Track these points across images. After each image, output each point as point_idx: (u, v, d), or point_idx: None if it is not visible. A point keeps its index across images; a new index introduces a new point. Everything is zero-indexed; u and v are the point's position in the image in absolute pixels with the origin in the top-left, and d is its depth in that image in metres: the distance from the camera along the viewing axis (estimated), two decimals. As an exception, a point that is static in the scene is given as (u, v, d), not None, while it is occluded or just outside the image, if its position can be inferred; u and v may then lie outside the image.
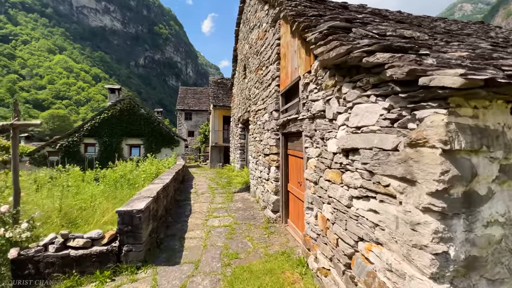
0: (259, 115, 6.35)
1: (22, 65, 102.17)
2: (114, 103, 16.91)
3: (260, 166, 6.09)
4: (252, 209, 5.87)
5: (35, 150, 15.58)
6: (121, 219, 3.20)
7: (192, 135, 28.73)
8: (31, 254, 3.01)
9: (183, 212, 5.58)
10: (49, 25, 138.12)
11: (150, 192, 4.17)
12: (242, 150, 9.72)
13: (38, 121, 3.29)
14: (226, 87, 18.46)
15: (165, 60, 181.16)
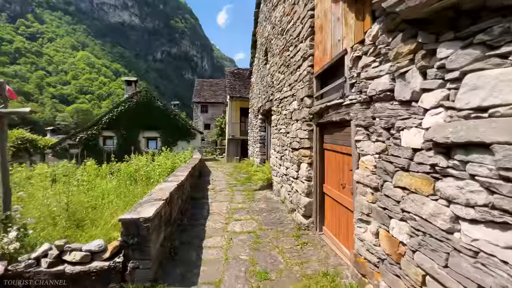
0: (285, 104, 5.54)
1: (49, 62, 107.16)
2: (131, 95, 16.73)
3: (286, 162, 5.32)
4: (277, 210, 5.15)
5: (57, 143, 15.82)
6: (125, 229, 2.59)
7: (208, 128, 28.41)
8: (20, 269, 2.49)
9: (200, 213, 4.97)
10: (72, 22, 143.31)
11: (163, 192, 3.55)
12: (262, 144, 8.99)
13: (27, 108, 2.74)
14: (243, 77, 17.68)
15: (181, 54, 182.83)
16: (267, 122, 8.72)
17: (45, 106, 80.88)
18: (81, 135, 15.89)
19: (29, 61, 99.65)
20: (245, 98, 15.51)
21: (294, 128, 4.79)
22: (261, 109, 8.53)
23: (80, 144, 15.87)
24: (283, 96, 5.65)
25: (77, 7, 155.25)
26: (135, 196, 5.52)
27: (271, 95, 6.95)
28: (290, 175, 5.04)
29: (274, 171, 6.59)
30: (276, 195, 6.17)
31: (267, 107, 7.59)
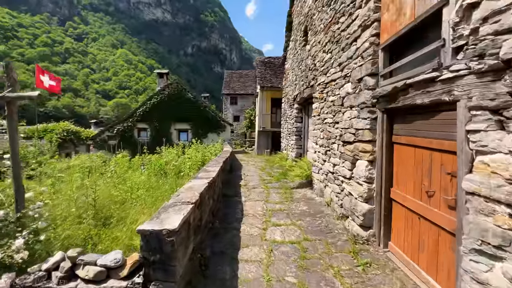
0: (333, 88, 4.63)
1: (93, 60, 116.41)
2: (163, 88, 16.87)
3: (334, 158, 4.46)
4: (323, 215, 4.35)
5: (97, 135, 16.63)
6: (145, 243, 2.05)
7: (237, 120, 28.11)
8: (28, 283, 2.09)
9: (233, 215, 4.39)
10: (111, 22, 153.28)
11: (192, 193, 2.98)
12: (298, 136, 8.13)
13: (36, 92, 2.30)
14: (275, 66, 16.76)
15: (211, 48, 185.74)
16: (304, 112, 7.82)
17: (90, 101, 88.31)
18: (118, 127, 16.49)
19: (76, 60, 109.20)
20: (276, 88, 14.65)
21: (347, 117, 3.89)
22: (298, 98, 7.65)
23: (118, 136, 16.49)
24: (330, 79, 4.74)
25: (116, 7, 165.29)
26: (164, 192, 5.14)
27: (312, 80, 6.04)
28: (339, 174, 4.18)
29: (315, 167, 5.75)
30: (318, 195, 5.35)
31: (305, 94, 6.70)
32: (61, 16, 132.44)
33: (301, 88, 7.18)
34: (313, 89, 6.00)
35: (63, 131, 15.54)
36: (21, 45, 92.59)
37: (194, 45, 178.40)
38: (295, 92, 8.14)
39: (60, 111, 70.56)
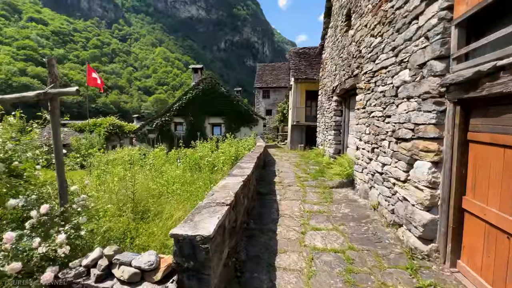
0: (382, 77, 4.05)
1: (135, 59, 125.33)
2: (197, 82, 17.24)
3: (384, 157, 3.92)
4: (369, 220, 3.88)
5: (138, 129, 17.75)
6: (178, 248, 1.89)
7: (270, 114, 27.77)
8: (69, 278, 2.10)
9: (268, 215, 4.15)
10: (151, 22, 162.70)
11: (226, 192, 2.80)
12: (337, 131, 7.54)
13: (74, 88, 2.28)
14: (310, 57, 15.96)
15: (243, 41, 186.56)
16: (344, 105, 7.19)
17: (133, 97, 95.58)
18: (156, 122, 17.37)
19: (121, 60, 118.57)
20: (311, 79, 13.94)
21: (403, 110, 3.33)
22: (338, 89, 7.04)
23: (156, 130, 17.39)
24: (380, 67, 4.15)
25: (155, 8, 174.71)
26: (199, 188, 5.11)
27: (356, 68, 5.43)
28: (390, 175, 3.65)
29: (357, 165, 5.22)
30: (362, 196, 4.84)
31: (347, 85, 6.10)
32: (108, 20, 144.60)
33: (342, 79, 6.57)
34: (357, 79, 5.40)
35: (109, 125, 16.89)
36: (76, 48, 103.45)
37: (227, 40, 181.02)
38: (334, 83, 7.52)
39: (108, 107, 77.67)
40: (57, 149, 2.41)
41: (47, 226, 2.32)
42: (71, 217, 2.48)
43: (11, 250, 2.04)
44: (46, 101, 2.37)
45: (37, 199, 2.47)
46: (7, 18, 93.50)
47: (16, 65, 69.80)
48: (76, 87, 2.28)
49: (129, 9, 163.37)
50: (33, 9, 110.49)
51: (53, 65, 2.32)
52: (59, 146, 2.42)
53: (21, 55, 76.78)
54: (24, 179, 3.06)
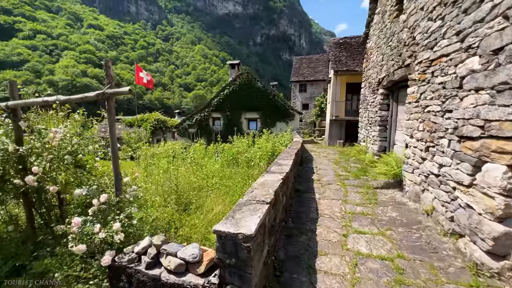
0: (442, 66, 3.56)
1: (176, 57, 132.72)
2: (234, 78, 17.52)
3: (441, 157, 3.47)
4: (421, 227, 3.49)
5: (179, 124, 18.83)
6: (221, 245, 1.92)
7: (306, 108, 27.02)
8: (124, 263, 2.30)
9: (307, 213, 4.02)
10: (191, 20, 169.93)
11: (265, 190, 2.76)
12: (383, 126, 6.95)
13: (127, 88, 2.43)
14: (351, 47, 14.98)
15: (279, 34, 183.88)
16: (392, 98, 6.58)
17: (175, 94, 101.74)
18: (196, 117, 18.21)
19: (164, 59, 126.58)
20: (353, 71, 13.09)
21: (469, 104, 2.88)
22: (385, 81, 6.46)
23: (196, 125, 18.26)
24: (440, 55, 3.64)
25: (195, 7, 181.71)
26: (237, 183, 5.19)
27: (407, 57, 4.88)
28: (450, 178, 3.22)
29: (407, 165, 4.74)
30: (412, 199, 4.39)
31: (396, 76, 5.54)
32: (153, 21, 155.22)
33: (390, 69, 5.99)
34: (408, 69, 4.86)
35: (154, 120, 18.24)
36: (126, 50, 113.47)
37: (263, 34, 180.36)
38: (380, 75, 6.91)
39: (153, 103, 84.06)
40: (113, 144, 2.63)
41: (105, 214, 2.56)
42: (124, 206, 2.70)
43: (78, 234, 2.30)
44: (103, 100, 2.59)
45: (97, 188, 2.74)
46: (71, 27, 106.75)
47: (78, 67, 79.55)
48: (129, 87, 2.44)
49: (171, 10, 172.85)
50: (92, 17, 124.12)
51: (110, 67, 2.52)
52: (115, 141, 2.64)
53: (83, 59, 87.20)
54: (86, 170, 3.44)
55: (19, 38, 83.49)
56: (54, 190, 2.72)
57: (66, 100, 2.71)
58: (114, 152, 2.64)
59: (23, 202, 3.18)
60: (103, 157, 3.82)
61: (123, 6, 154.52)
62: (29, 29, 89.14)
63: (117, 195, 2.70)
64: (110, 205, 2.61)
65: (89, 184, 2.87)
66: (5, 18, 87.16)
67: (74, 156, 3.16)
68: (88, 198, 2.75)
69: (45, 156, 2.81)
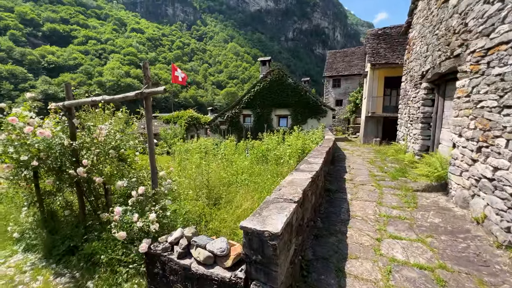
0: (501, 55, 3.11)
1: (209, 56, 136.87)
2: (265, 74, 17.50)
3: (497, 159, 3.06)
4: (469, 236, 3.13)
5: (211, 120, 19.46)
6: (247, 241, 1.95)
7: (340, 104, 25.91)
8: (158, 251, 2.47)
9: (337, 214, 3.88)
10: (223, 19, 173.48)
11: (294, 189, 2.72)
12: (426, 124, 6.35)
13: (162, 87, 2.58)
14: (391, 38, 13.93)
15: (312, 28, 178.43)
16: (438, 93, 5.96)
17: (208, 91, 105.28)
18: (227, 114, 18.63)
19: (198, 58, 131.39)
20: (393, 64, 12.15)
21: (535, 97, 2.48)
22: (429, 74, 5.87)
23: (227, 121, 18.69)
24: (498, 42, 3.19)
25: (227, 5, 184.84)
26: (266, 181, 5.21)
27: (457, 47, 4.37)
28: (508, 183, 2.82)
29: (454, 167, 4.27)
30: (459, 205, 3.96)
31: (443, 68, 5.00)
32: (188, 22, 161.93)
33: (436, 61, 5.42)
34: (458, 59, 4.34)
35: (188, 117, 19.11)
36: (164, 51, 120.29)
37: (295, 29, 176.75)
38: (424, 67, 6.30)
39: (187, 100, 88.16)
40: (150, 140, 2.82)
41: (142, 205, 2.77)
42: (159, 198, 2.89)
43: (119, 222, 2.52)
44: (142, 99, 2.79)
45: (136, 181, 2.98)
46: (117, 31, 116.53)
47: (123, 68, 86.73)
48: (163, 87, 2.59)
49: (205, 10, 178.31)
50: (134, 21, 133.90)
51: (147, 68, 2.69)
52: (152, 137, 2.83)
53: (126, 60, 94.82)
54: (127, 163, 3.74)
55: (74, 44, 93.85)
56: (100, 181, 3.02)
57: (111, 100, 2.97)
58: (151, 148, 2.83)
59: (76, 190, 3.59)
60: (142, 151, 4.12)
61: (161, 9, 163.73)
62: (83, 35, 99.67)
63: (153, 187, 2.89)
64: (147, 197, 2.81)
65: (129, 177, 3.13)
66: (63, 27, 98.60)
67: (117, 151, 3.47)
68: (128, 189, 3.00)
69: (93, 150, 3.13)
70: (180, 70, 16.69)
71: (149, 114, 2.78)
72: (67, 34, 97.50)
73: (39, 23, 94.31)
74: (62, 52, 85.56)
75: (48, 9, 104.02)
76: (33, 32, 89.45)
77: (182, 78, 16.50)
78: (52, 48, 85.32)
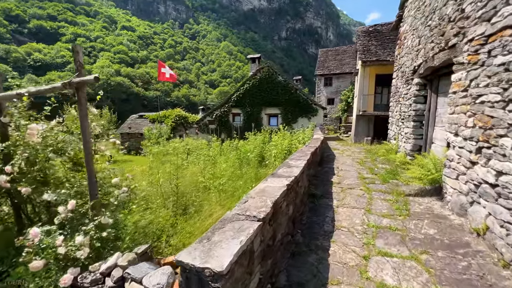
0: (504, 42, 2.69)
1: (202, 55, 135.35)
2: (255, 72, 16.99)
3: (501, 162, 2.64)
4: (469, 251, 2.70)
5: (200, 120, 18.83)
6: (184, 280, 1.43)
7: (332, 103, 25.62)
8: (86, 284, 1.94)
9: (320, 225, 3.41)
10: (216, 18, 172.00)
11: (263, 200, 2.22)
12: (418, 122, 5.96)
13: (92, 76, 2.08)
14: (382, 35, 13.62)
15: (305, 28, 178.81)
16: (430, 88, 5.57)
17: (201, 90, 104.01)
18: (216, 113, 18.04)
19: (191, 56, 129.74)
20: (384, 61, 11.83)
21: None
22: (422, 68, 5.48)
23: (216, 120, 18.10)
24: (500, 27, 2.76)
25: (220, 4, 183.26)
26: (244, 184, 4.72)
27: (453, 36, 3.95)
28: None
29: (449, 169, 3.86)
30: (456, 213, 3.55)
31: (437, 61, 4.59)
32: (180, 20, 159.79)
33: (429, 54, 5.02)
34: (454, 50, 3.93)
35: (175, 116, 18.43)
36: (155, 49, 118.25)
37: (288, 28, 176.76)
38: (416, 62, 5.91)
39: (180, 99, 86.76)
40: (85, 140, 2.28)
41: (75, 223, 2.22)
42: (99, 214, 2.35)
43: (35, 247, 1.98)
44: (74, 91, 2.24)
45: (68, 192, 2.42)
46: (107, 29, 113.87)
47: (113, 67, 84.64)
48: (95, 75, 2.07)
49: (197, 8, 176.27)
50: (125, 19, 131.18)
51: (78, 52, 2.15)
52: (87, 137, 2.28)
53: (117, 59, 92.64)
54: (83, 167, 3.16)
55: (62, 42, 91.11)
56: (26, 192, 2.46)
57: (37, 92, 2.41)
58: (86, 150, 2.29)
59: (11, 203, 3.01)
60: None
61: (153, 7, 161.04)
62: (71, 33, 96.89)
63: (91, 199, 2.35)
64: (82, 213, 2.27)
65: (66, 187, 2.57)
66: (51, 24, 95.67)
67: (60, 154, 2.90)
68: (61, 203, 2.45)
69: (20, 154, 2.56)
70: (168, 67, 16.00)
71: (83, 109, 2.24)
72: (54, 31, 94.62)
73: (25, 20, 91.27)
74: (49, 50, 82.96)
75: (35, 5, 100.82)
76: (18, 29, 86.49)
77: (170, 74, 15.82)
78: (39, 45, 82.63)
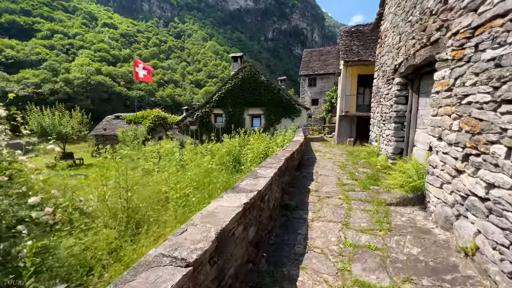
0: (494, 35, 2.33)
1: (188, 54, 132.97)
2: (237, 71, 16.46)
3: (493, 172, 2.27)
4: (457, 277, 2.32)
5: (180, 120, 18.01)
6: None
7: (316, 104, 25.54)
8: None
9: (291, 244, 2.94)
10: (202, 17, 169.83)
11: (206, 230, 1.71)
12: (399, 124, 5.67)
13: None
14: (364, 36, 13.53)
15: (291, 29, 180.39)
16: (411, 88, 5.28)
17: (186, 90, 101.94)
18: (197, 113, 17.32)
19: (176, 56, 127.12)
20: (365, 61, 11.67)
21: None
22: (403, 67, 5.17)
23: (197, 121, 17.37)
24: (490, 17, 2.41)
25: (206, 3, 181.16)
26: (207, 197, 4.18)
27: (436, 30, 3.62)
28: (511, 209, 2.03)
29: (432, 176, 3.52)
30: (440, 225, 3.19)
31: (418, 59, 4.27)
32: (165, 19, 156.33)
33: (410, 51, 4.71)
34: (436, 46, 3.60)
35: (154, 117, 17.53)
36: (139, 48, 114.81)
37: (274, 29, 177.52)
38: (397, 60, 5.62)
39: (164, 100, 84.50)
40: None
41: None
42: None
43: None
44: None
45: None
46: (87, 26, 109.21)
47: (93, 65, 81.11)
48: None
49: (183, 7, 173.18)
50: (106, 16, 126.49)
51: None
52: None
53: (97, 57, 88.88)
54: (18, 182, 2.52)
55: (37, 38, 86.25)
56: None
57: None
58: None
59: None
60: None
61: (137, 5, 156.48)
62: (47, 29, 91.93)
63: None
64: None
65: None
66: (25, 19, 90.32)
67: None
68: None
69: None
70: (143, 65, 15.13)
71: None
72: (29, 26, 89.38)
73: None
74: (23, 46, 78.18)
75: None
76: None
77: (144, 75, 14.96)
78: (11, 41, 77.69)
